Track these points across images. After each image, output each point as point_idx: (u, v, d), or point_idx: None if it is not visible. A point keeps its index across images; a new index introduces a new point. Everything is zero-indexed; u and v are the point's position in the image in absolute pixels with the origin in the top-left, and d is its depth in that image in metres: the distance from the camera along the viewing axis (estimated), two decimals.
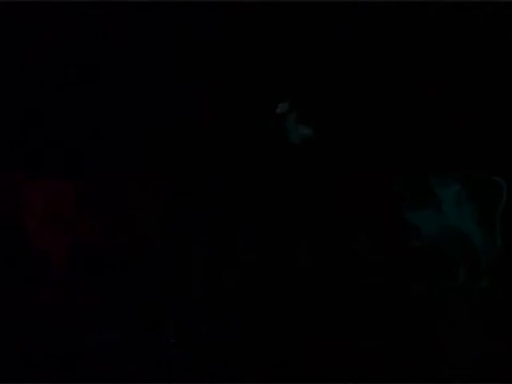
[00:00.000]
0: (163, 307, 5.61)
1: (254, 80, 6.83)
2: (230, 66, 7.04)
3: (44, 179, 6.43)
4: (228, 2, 6.91)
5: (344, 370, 4.56)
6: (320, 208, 6.50)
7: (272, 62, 6.80)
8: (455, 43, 7.03)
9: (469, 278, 6.09)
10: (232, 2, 6.87)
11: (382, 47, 7.11)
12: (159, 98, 7.21)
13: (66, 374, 4.51)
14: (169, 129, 7.06)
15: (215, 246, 6.24)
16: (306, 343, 4.91)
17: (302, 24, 7.09)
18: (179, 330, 5.12)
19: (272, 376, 4.47)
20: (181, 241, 6.52)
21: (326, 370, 4.55)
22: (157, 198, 6.53)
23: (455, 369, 4.55)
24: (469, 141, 6.82)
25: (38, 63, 7.20)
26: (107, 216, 6.44)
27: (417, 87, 7.08)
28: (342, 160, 6.74)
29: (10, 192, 6.28)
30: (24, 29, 7.10)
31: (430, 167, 6.37)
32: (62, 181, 6.48)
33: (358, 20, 7.02)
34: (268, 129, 6.02)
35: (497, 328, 5.20)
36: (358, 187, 6.45)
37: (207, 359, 4.73)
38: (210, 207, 6.48)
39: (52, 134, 7.15)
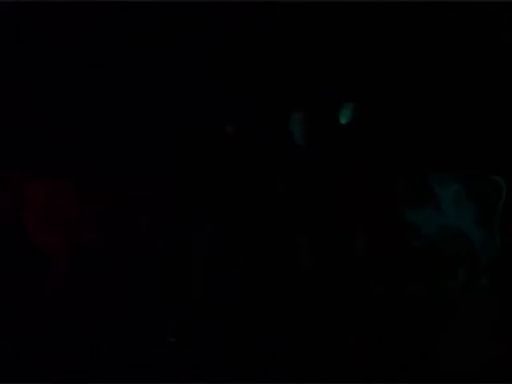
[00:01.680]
0: (163, 307, 5.61)
1: (255, 81, 6.83)
2: (232, 66, 7.04)
3: (44, 179, 6.43)
4: (228, 2, 6.92)
5: (344, 369, 4.56)
6: (319, 207, 6.51)
7: (275, 63, 6.79)
8: (455, 43, 7.02)
9: (468, 277, 6.09)
10: (234, 3, 6.88)
11: (381, 47, 7.10)
12: (160, 99, 7.20)
13: (66, 373, 4.51)
14: (169, 129, 7.06)
15: (215, 246, 6.24)
16: (306, 343, 4.92)
17: (302, 23, 7.10)
18: (179, 329, 5.13)
19: (272, 376, 4.47)
20: (181, 241, 6.52)
21: (325, 370, 4.56)
22: (157, 198, 6.54)
23: (455, 368, 4.55)
24: (468, 141, 6.81)
25: (39, 62, 7.20)
26: (107, 216, 6.44)
27: (417, 87, 7.07)
28: (342, 160, 6.75)
29: (9, 192, 6.28)
30: (24, 28, 7.09)
31: (430, 167, 6.37)
32: (63, 180, 6.48)
33: (357, 20, 7.02)
34: (270, 129, 6.02)
35: (497, 327, 5.20)
36: (358, 187, 6.45)
37: (207, 359, 4.74)
38: (210, 207, 6.48)
39: (52, 133, 7.14)
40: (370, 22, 7.00)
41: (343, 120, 5.96)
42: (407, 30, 6.99)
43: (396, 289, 6.09)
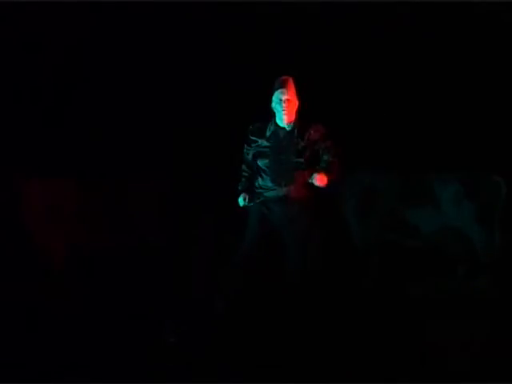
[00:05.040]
0: (162, 307, 5.62)
1: (249, 78, 6.84)
2: (229, 66, 7.05)
3: (44, 179, 6.44)
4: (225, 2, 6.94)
5: (344, 369, 4.57)
6: (319, 208, 6.52)
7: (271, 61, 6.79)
8: (455, 43, 7.03)
9: (467, 276, 6.10)
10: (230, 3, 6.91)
11: (382, 47, 7.12)
12: (159, 99, 7.22)
13: (66, 373, 4.51)
14: (169, 129, 7.07)
15: (216, 245, 6.24)
16: (306, 343, 4.92)
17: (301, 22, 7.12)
18: (179, 330, 5.13)
19: (272, 376, 4.47)
20: (181, 241, 6.52)
21: (325, 370, 4.56)
22: (157, 198, 6.55)
23: (455, 368, 4.55)
24: (468, 141, 6.83)
25: (39, 63, 7.21)
26: (107, 216, 6.45)
27: (417, 87, 7.08)
28: (342, 159, 6.75)
29: (10, 192, 6.29)
30: (24, 28, 7.10)
31: (430, 166, 6.37)
32: (63, 181, 6.49)
33: (358, 20, 7.03)
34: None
35: (495, 326, 5.21)
36: (356, 185, 6.46)
37: (207, 359, 4.74)
38: (210, 206, 6.49)
39: (52, 134, 7.16)
40: (372, 21, 7.02)
41: None
42: (409, 29, 7.00)
43: (395, 288, 6.10)
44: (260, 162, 5.26)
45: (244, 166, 5.41)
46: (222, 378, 4.43)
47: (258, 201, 5.27)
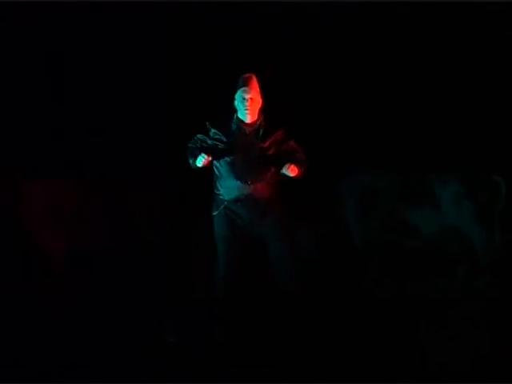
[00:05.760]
0: (162, 307, 5.61)
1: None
2: (229, 67, 7.05)
3: (44, 179, 6.44)
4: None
5: (344, 369, 4.57)
6: (318, 209, 6.53)
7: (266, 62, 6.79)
8: (455, 44, 7.04)
9: (468, 276, 6.09)
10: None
11: (382, 47, 7.12)
12: (159, 99, 7.22)
13: (65, 373, 4.51)
14: (169, 129, 7.07)
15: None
16: (306, 343, 4.92)
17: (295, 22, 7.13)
18: (179, 330, 5.13)
19: (271, 376, 4.47)
20: (181, 241, 6.52)
21: (324, 370, 4.56)
22: (156, 198, 6.54)
23: (454, 368, 4.55)
24: (468, 141, 6.83)
25: (39, 63, 7.21)
26: (107, 216, 6.45)
27: (417, 87, 7.09)
28: (342, 159, 6.76)
29: (9, 192, 6.28)
30: (24, 28, 7.10)
31: (430, 167, 6.37)
32: (62, 181, 6.49)
33: (358, 20, 7.03)
34: None
35: (496, 327, 5.21)
36: (356, 185, 6.46)
37: (207, 359, 4.74)
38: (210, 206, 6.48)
39: (52, 134, 7.15)
40: (371, 21, 7.02)
41: None
42: (409, 29, 7.01)
43: (395, 288, 6.10)
44: (222, 160, 5.09)
45: (190, 145, 5.23)
46: (221, 378, 4.44)
47: (222, 206, 5.13)
